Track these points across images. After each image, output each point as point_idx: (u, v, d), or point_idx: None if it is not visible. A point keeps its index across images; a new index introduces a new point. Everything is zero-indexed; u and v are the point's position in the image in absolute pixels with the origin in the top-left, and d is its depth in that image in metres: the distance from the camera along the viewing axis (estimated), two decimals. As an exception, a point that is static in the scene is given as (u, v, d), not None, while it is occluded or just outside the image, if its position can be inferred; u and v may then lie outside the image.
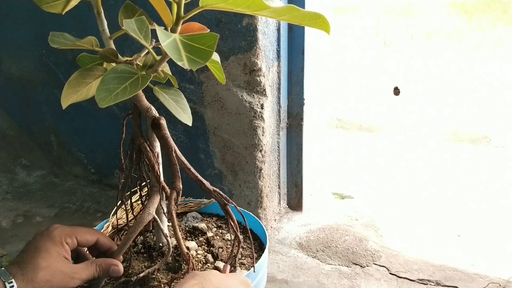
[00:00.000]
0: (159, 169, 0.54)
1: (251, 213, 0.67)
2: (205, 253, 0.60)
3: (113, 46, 0.47)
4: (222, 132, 0.93)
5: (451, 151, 1.58)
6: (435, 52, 2.12)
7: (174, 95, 0.52)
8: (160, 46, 0.38)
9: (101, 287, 0.53)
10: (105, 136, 1.20)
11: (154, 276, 0.54)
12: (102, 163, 1.28)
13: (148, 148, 0.54)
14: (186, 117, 0.51)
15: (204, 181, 0.53)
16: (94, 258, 0.55)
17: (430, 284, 0.78)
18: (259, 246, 0.64)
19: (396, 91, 1.85)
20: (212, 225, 0.68)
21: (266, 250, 0.59)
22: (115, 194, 0.68)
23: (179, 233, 0.52)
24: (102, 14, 0.46)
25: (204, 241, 0.62)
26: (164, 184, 0.55)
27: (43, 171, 1.39)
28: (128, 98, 0.42)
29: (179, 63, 0.36)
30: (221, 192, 0.54)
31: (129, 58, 0.48)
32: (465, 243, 0.91)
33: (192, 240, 0.63)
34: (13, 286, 0.47)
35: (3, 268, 0.48)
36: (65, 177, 1.36)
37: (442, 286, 0.77)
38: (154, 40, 0.44)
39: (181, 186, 0.51)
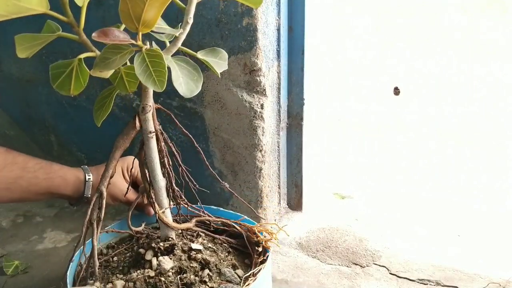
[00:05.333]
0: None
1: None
2: (175, 276, 0.56)
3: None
4: (222, 132, 0.93)
5: (451, 151, 1.58)
6: (435, 52, 2.12)
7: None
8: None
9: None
10: (105, 136, 1.20)
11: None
12: (102, 163, 1.28)
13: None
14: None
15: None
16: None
17: (430, 284, 0.78)
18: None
19: (396, 91, 1.85)
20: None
21: (269, 259, 0.59)
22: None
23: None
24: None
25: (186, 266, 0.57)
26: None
27: (43, 171, 1.38)
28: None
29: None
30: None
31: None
32: (465, 243, 0.91)
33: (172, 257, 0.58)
34: (90, 179, 0.71)
35: (86, 166, 0.72)
36: (65, 177, 1.36)
37: (442, 286, 0.77)
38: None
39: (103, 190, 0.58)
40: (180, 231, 0.64)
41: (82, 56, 0.50)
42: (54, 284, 0.82)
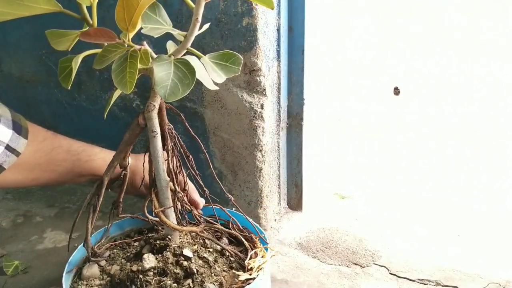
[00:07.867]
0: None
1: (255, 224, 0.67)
2: (154, 276, 0.55)
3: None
4: (222, 132, 0.93)
5: (451, 151, 1.58)
6: (435, 52, 2.12)
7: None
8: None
9: None
10: (105, 136, 1.20)
11: None
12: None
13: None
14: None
15: None
16: None
17: (430, 284, 0.78)
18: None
19: (396, 91, 1.85)
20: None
21: (267, 264, 0.58)
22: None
23: None
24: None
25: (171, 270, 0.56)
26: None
27: (43, 171, 1.38)
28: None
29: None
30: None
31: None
32: (465, 243, 0.91)
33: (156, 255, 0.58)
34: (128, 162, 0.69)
35: None
36: (65, 177, 1.36)
37: (442, 286, 0.77)
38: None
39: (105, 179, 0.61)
40: (188, 233, 0.64)
41: (86, 53, 0.51)
42: (54, 284, 0.82)
